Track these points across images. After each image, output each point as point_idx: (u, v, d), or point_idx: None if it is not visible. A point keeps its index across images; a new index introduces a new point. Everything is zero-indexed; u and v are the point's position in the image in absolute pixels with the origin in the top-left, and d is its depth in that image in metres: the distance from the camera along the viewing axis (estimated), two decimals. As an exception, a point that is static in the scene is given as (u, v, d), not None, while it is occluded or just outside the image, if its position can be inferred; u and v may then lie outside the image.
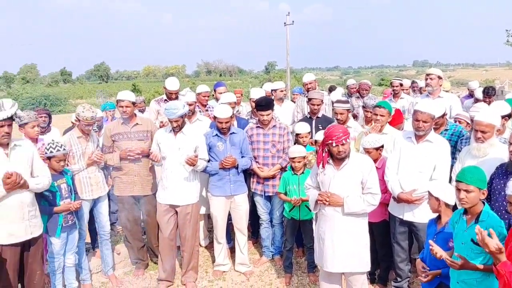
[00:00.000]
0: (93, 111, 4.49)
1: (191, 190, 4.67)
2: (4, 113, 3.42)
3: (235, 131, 4.90)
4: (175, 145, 4.55)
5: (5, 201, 3.49)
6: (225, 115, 4.69)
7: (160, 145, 4.59)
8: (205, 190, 5.26)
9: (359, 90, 8.17)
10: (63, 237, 4.23)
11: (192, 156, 4.39)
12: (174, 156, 4.53)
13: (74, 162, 4.51)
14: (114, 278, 4.94)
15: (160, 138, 4.63)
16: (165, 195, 4.63)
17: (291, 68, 29.72)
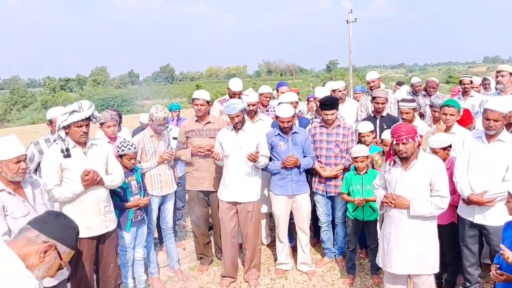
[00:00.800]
0: (166, 112, 4.67)
1: (253, 188, 4.74)
2: (82, 114, 3.62)
3: (297, 130, 4.91)
4: (237, 143, 4.63)
5: (83, 197, 3.71)
6: (287, 114, 4.71)
7: (222, 144, 4.69)
8: (266, 189, 5.32)
9: (426, 88, 7.91)
10: (133, 232, 4.42)
11: (254, 152, 4.46)
12: (236, 154, 4.62)
13: (147, 159, 4.72)
14: (179, 272, 5.11)
15: (222, 137, 4.73)
16: (227, 192, 4.72)
17: (353, 66, 29.17)
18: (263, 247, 5.72)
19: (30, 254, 1.84)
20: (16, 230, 2.96)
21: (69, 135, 3.68)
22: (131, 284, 4.52)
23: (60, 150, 3.62)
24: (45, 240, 1.87)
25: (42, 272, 1.88)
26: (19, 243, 1.86)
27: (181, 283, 5.00)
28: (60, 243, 1.91)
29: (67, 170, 3.65)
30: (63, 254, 1.93)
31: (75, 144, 3.70)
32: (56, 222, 1.94)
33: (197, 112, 5.03)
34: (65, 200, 3.67)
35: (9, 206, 3.04)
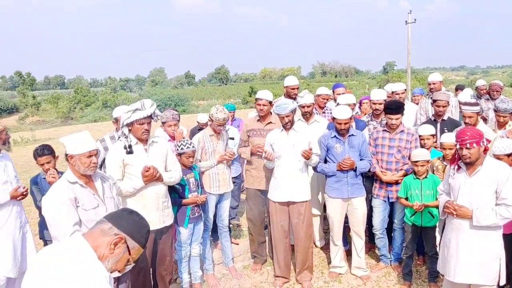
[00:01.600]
0: (225, 112, 4.77)
1: (305, 187, 4.75)
2: (144, 112, 3.78)
3: (354, 133, 4.85)
4: (288, 143, 4.65)
5: (143, 192, 3.86)
6: (344, 116, 4.67)
7: (273, 145, 4.71)
8: (321, 191, 5.30)
9: (489, 91, 7.57)
10: (190, 228, 4.54)
11: (307, 149, 4.47)
12: (289, 153, 4.63)
13: (206, 158, 4.83)
14: (234, 270, 5.19)
15: (272, 138, 4.75)
16: (278, 193, 4.74)
17: (411, 68, 28.36)
18: (317, 250, 5.70)
19: (102, 245, 1.94)
20: (86, 221, 3.15)
21: (132, 132, 3.85)
22: (187, 279, 4.64)
23: (123, 146, 3.80)
24: (116, 232, 1.96)
25: (111, 264, 1.97)
26: (93, 234, 1.96)
27: (235, 281, 5.07)
28: (130, 237, 1.99)
29: (129, 166, 3.83)
30: (132, 249, 2.01)
31: (137, 141, 3.87)
32: (129, 218, 2.03)
33: (259, 112, 5.11)
34: (127, 194, 3.84)
35: (81, 198, 3.21)
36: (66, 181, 3.23)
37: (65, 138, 3.30)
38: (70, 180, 3.22)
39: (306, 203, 4.76)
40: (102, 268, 1.89)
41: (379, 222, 5.04)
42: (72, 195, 3.18)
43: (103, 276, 1.86)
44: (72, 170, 3.26)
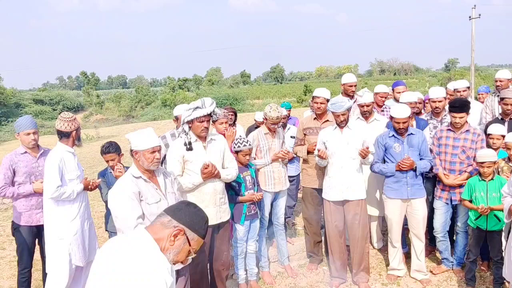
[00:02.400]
0: (279, 111, 4.78)
1: (360, 185, 4.68)
2: (204, 110, 3.87)
3: (413, 132, 4.71)
4: (343, 140, 4.59)
5: (202, 187, 3.96)
6: (402, 115, 4.55)
7: (326, 143, 4.66)
8: (379, 191, 5.19)
9: None
10: (246, 225, 4.59)
11: (365, 148, 4.40)
12: (343, 151, 4.58)
13: (261, 156, 4.87)
14: (289, 268, 5.19)
15: (325, 136, 4.70)
16: (333, 192, 4.70)
17: (475, 65, 27.07)
18: (374, 251, 5.60)
19: (163, 238, 2.00)
20: (149, 215, 3.27)
21: (192, 130, 3.95)
22: (243, 275, 4.70)
23: (183, 143, 3.91)
24: (175, 225, 2.02)
25: (172, 255, 2.02)
26: (155, 227, 2.03)
27: (290, 279, 5.07)
28: (189, 229, 2.04)
29: (189, 162, 3.93)
30: (191, 241, 2.06)
31: (196, 138, 3.97)
32: (187, 210, 2.08)
33: (316, 110, 5.08)
34: (186, 190, 3.96)
35: (144, 192, 3.34)
36: (131, 175, 3.36)
37: (130, 135, 3.44)
38: (134, 175, 3.36)
39: (361, 201, 4.69)
40: (164, 260, 1.95)
41: (441, 225, 4.86)
42: (136, 189, 3.31)
43: (165, 267, 1.92)
44: (137, 165, 3.39)
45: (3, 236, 7.10)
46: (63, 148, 4.14)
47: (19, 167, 4.30)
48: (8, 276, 5.54)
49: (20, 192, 4.27)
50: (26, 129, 4.30)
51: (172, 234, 2.00)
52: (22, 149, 4.38)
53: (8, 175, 4.27)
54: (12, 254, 4.63)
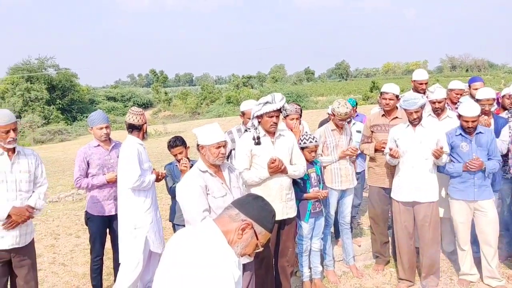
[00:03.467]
0: (348, 107, 4.68)
1: (433, 187, 4.48)
2: (274, 105, 3.86)
3: (482, 130, 4.45)
4: (416, 139, 4.41)
5: (268, 182, 3.95)
6: (472, 113, 4.30)
7: (397, 141, 4.50)
8: (444, 191, 4.94)
9: None
10: (311, 223, 4.53)
11: (439, 148, 4.20)
12: (416, 150, 4.39)
13: (328, 153, 4.79)
14: (354, 268, 5.08)
15: (396, 133, 4.54)
16: (402, 192, 4.53)
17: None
18: (445, 255, 5.33)
19: (231, 230, 2.01)
20: (215, 208, 3.31)
21: (261, 124, 3.96)
22: (307, 273, 4.65)
23: (252, 137, 3.92)
24: (243, 218, 2.02)
25: (240, 249, 2.02)
26: (222, 220, 2.04)
27: (355, 279, 4.95)
28: (257, 223, 2.03)
29: (256, 156, 3.95)
30: (259, 235, 2.05)
31: (265, 133, 3.97)
32: (255, 204, 2.07)
33: (385, 106, 4.92)
34: (252, 184, 3.97)
35: (211, 186, 3.39)
36: (198, 170, 3.43)
37: (197, 130, 3.50)
38: (201, 169, 3.41)
39: (433, 204, 4.48)
40: (232, 253, 1.96)
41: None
42: (203, 183, 3.36)
43: (232, 260, 1.92)
44: (203, 160, 3.45)
45: (78, 225, 7.53)
46: (135, 140, 4.30)
47: (92, 160, 4.53)
48: (82, 262, 5.85)
49: (94, 183, 4.49)
50: (99, 123, 4.52)
51: (240, 228, 2.00)
52: (95, 142, 4.60)
53: (82, 167, 4.51)
54: (86, 242, 4.90)
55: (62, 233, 7.28)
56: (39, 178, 3.80)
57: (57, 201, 9.81)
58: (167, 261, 2.00)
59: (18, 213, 3.53)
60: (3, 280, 3.65)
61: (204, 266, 1.86)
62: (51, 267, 5.83)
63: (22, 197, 3.62)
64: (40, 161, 3.84)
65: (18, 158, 3.64)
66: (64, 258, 6.15)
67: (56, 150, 23.33)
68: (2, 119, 3.44)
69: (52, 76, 47.30)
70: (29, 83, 44.77)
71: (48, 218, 8.31)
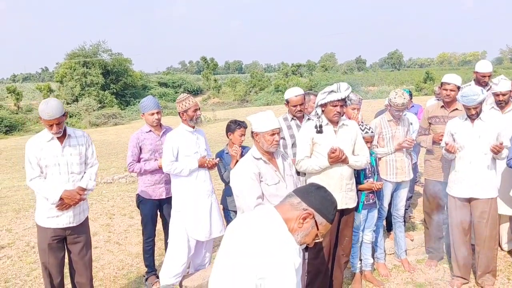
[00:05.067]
0: (405, 97, 4.57)
1: (491, 183, 4.30)
2: (339, 95, 3.81)
3: None
4: (474, 133, 4.24)
5: (328, 171, 3.92)
6: None
7: (455, 135, 4.34)
8: (508, 188, 4.72)
9: None
10: (364, 214, 4.47)
11: (498, 143, 4.05)
12: (474, 145, 4.23)
13: (383, 144, 4.71)
14: (406, 262, 4.98)
15: (454, 127, 4.38)
16: (459, 187, 4.38)
17: None
18: (503, 253, 5.15)
19: (292, 219, 2.02)
20: (268, 196, 3.34)
21: (324, 113, 3.93)
22: (357, 264, 4.61)
23: (314, 126, 3.91)
24: (305, 207, 2.02)
25: (300, 237, 2.03)
26: (284, 207, 2.05)
27: (407, 274, 4.86)
28: (318, 213, 2.03)
29: (318, 145, 3.92)
30: (319, 225, 2.05)
31: (328, 122, 3.93)
32: (317, 194, 2.07)
33: (445, 98, 4.77)
34: (312, 172, 3.95)
35: (264, 173, 3.42)
36: (252, 157, 3.47)
37: (251, 117, 3.53)
38: (255, 156, 3.45)
39: (491, 200, 4.31)
40: (293, 240, 1.97)
41: None
42: (257, 170, 3.40)
43: (293, 248, 1.93)
44: (257, 147, 3.48)
45: (132, 206, 7.81)
46: (182, 127, 4.42)
47: (145, 145, 4.64)
48: (136, 242, 6.08)
49: (146, 168, 4.62)
50: (151, 109, 4.61)
51: (301, 217, 2.01)
52: (146, 127, 4.71)
53: (135, 152, 4.63)
54: (139, 223, 5.07)
55: (116, 213, 7.58)
56: (90, 159, 3.92)
57: (111, 182, 10.22)
58: (227, 248, 2.03)
59: (69, 196, 3.68)
60: (59, 255, 3.86)
61: (265, 253, 1.88)
62: (107, 245, 6.09)
63: (74, 179, 3.77)
64: (90, 142, 3.96)
65: (68, 141, 3.76)
66: (119, 237, 6.41)
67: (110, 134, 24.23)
68: (46, 114, 3.51)
69: (106, 61, 48.93)
70: (85, 68, 46.54)
71: (103, 198, 8.67)
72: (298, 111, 4.57)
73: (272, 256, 1.87)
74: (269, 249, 1.88)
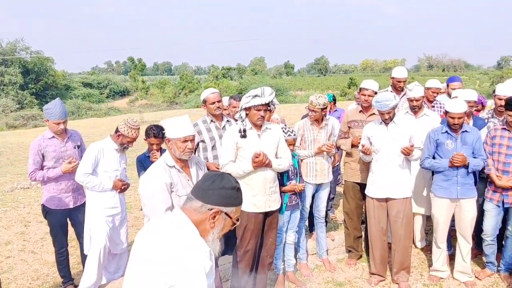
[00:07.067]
0: (324, 98, 4.75)
1: (406, 183, 4.54)
2: (263, 99, 3.82)
3: (468, 129, 4.51)
4: (388, 137, 4.46)
5: (252, 175, 3.93)
6: (458, 109, 4.34)
7: (371, 139, 4.54)
8: (426, 189, 5.01)
9: None
10: (287, 215, 4.52)
11: (408, 146, 4.28)
12: (389, 148, 4.44)
13: (305, 147, 4.79)
14: (327, 262, 5.12)
15: (370, 131, 4.58)
16: (376, 188, 4.58)
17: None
18: (416, 251, 5.44)
19: (201, 222, 1.95)
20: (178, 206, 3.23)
21: (248, 117, 3.92)
22: (280, 265, 4.66)
23: (238, 130, 3.90)
24: (210, 208, 1.95)
25: (217, 233, 1.99)
26: (189, 211, 1.97)
27: (328, 273, 5.00)
28: (224, 206, 1.98)
29: (242, 149, 3.92)
30: (231, 213, 2.00)
31: (251, 126, 3.93)
32: (214, 189, 1.98)
33: (363, 103, 4.95)
34: (236, 176, 3.90)
35: (176, 182, 3.29)
36: (165, 164, 3.31)
37: (165, 121, 3.38)
38: (168, 163, 3.31)
39: (406, 200, 4.55)
40: (202, 243, 1.90)
41: (491, 228, 4.63)
42: (169, 180, 3.26)
43: (203, 251, 1.87)
44: (170, 153, 3.35)
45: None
46: (109, 142, 4.29)
47: (47, 152, 4.30)
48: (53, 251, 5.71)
49: (49, 175, 4.30)
50: (56, 119, 4.27)
51: (210, 218, 1.95)
52: (49, 133, 4.38)
53: (37, 160, 4.29)
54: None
55: (32, 220, 7.10)
56: None
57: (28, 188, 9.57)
58: (136, 256, 1.94)
59: None
60: None
61: (173, 259, 1.81)
62: (21, 254, 5.69)
63: None
64: None
65: None
66: (35, 245, 6.00)
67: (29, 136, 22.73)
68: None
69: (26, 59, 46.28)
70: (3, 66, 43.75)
71: (18, 204, 8.10)
72: (217, 108, 4.60)
73: (180, 262, 1.80)
74: (178, 255, 1.81)
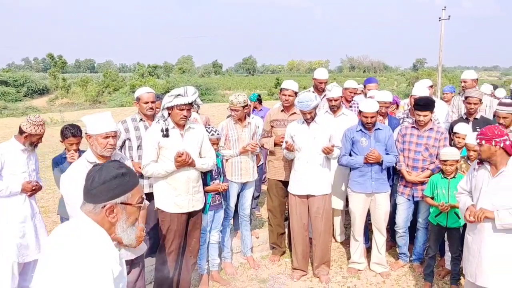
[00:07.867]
0: (243, 96, 4.83)
1: (326, 180, 4.71)
2: (186, 99, 3.78)
3: (381, 127, 4.76)
4: (310, 135, 4.60)
5: (175, 175, 3.87)
6: (371, 109, 4.57)
7: (294, 137, 4.66)
8: (344, 184, 5.22)
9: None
10: (210, 215, 4.51)
11: (329, 146, 4.44)
12: (310, 146, 4.59)
13: (229, 146, 4.81)
14: (251, 260, 5.18)
15: (293, 130, 4.70)
16: (298, 186, 4.71)
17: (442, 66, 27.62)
18: (336, 245, 5.65)
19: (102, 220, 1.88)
20: None
21: (171, 117, 3.86)
22: (204, 265, 4.64)
23: (160, 129, 3.82)
24: (103, 206, 1.88)
25: (124, 224, 1.92)
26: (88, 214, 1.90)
27: (252, 270, 5.06)
28: (117, 198, 1.90)
29: (164, 149, 3.85)
30: (129, 200, 1.93)
31: (174, 125, 3.87)
32: (96, 187, 1.89)
33: (284, 102, 5.05)
34: (158, 176, 3.87)
35: None
36: (86, 161, 3.23)
37: (86, 117, 3.32)
38: (89, 160, 3.22)
39: (325, 196, 4.71)
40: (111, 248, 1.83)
41: (403, 221, 4.94)
42: None
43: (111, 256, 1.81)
44: (91, 150, 3.27)
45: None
46: (14, 143, 4.02)
47: None
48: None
49: None
50: None
51: (108, 214, 1.88)
52: None
53: None
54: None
55: None
56: None
57: None
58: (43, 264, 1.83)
59: None
60: None
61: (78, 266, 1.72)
62: None
63: None
64: None
65: None
66: None
67: None
68: None
69: None
70: None
71: None
72: (150, 109, 4.48)
73: (85, 269, 1.71)
74: (83, 262, 1.72)
